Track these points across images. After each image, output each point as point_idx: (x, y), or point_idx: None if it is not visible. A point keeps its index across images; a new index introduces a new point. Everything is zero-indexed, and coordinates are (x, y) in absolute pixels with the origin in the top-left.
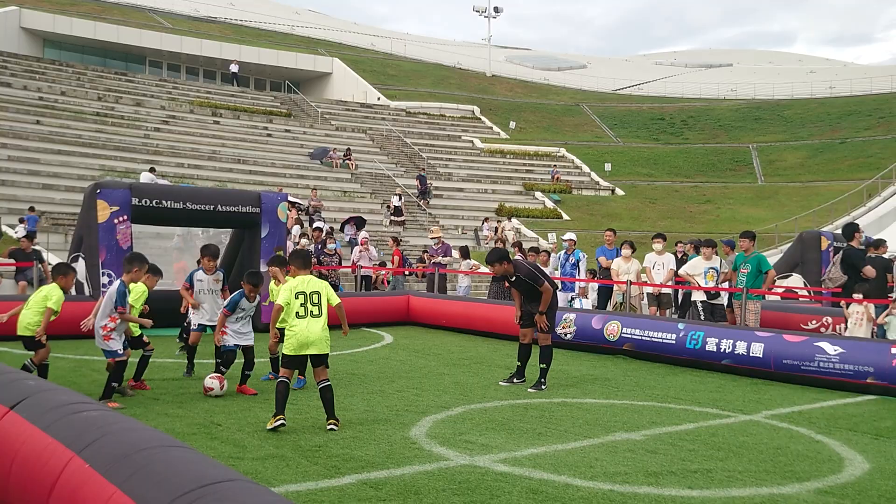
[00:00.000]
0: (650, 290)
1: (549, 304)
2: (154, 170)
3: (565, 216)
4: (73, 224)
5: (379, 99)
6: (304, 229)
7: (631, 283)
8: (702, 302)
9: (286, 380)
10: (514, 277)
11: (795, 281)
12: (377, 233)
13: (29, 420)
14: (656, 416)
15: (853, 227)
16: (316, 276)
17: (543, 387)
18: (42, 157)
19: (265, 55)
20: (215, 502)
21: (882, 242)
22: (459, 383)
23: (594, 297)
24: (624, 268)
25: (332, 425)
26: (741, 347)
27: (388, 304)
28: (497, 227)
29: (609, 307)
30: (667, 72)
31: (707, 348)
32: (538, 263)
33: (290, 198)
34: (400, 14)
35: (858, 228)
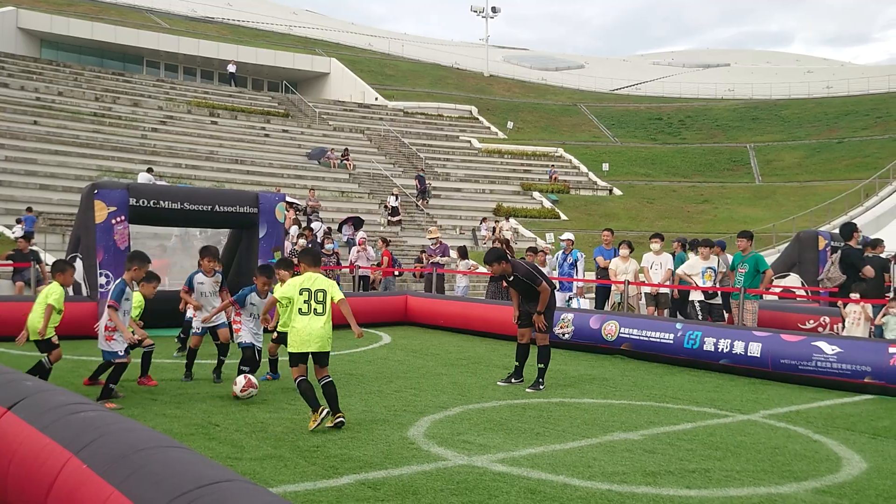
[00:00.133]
0: (648, 290)
1: (547, 304)
2: (152, 170)
3: (563, 216)
4: (71, 224)
5: (377, 99)
6: (303, 230)
7: (629, 282)
8: (699, 301)
9: (303, 377)
10: (512, 277)
11: (793, 281)
12: (375, 233)
13: (27, 420)
14: (654, 416)
15: (852, 227)
16: (324, 276)
17: (541, 387)
18: (39, 158)
19: (263, 55)
20: (213, 503)
21: (879, 242)
22: (457, 383)
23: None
24: (622, 268)
25: (339, 418)
26: (739, 347)
27: (386, 305)
28: (495, 228)
29: (607, 307)
30: (664, 72)
31: (705, 348)
32: (535, 263)
33: (288, 198)
34: (397, 14)
35: (857, 228)
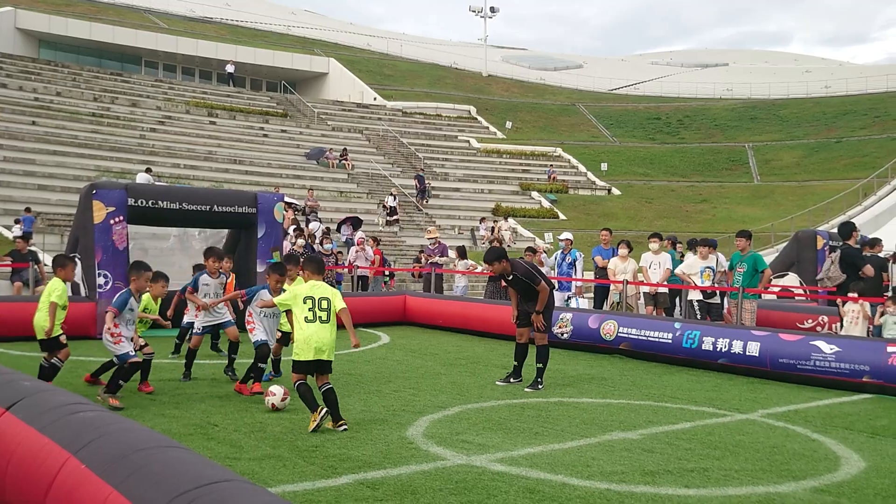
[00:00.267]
0: (647, 290)
1: (545, 304)
2: (150, 170)
3: (562, 216)
4: (69, 225)
5: (375, 99)
6: (305, 230)
7: (628, 282)
8: (698, 301)
9: (304, 381)
10: (512, 276)
11: (791, 280)
12: (373, 233)
13: (25, 421)
14: (653, 416)
15: (850, 227)
16: (326, 283)
17: (540, 386)
18: (38, 158)
19: (261, 55)
20: (212, 503)
21: (878, 241)
22: (456, 383)
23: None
24: (621, 267)
25: (342, 426)
26: (737, 346)
27: (384, 305)
28: (493, 227)
29: (606, 307)
30: (663, 71)
31: (703, 347)
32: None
33: (287, 198)
34: (396, 14)
35: (856, 227)
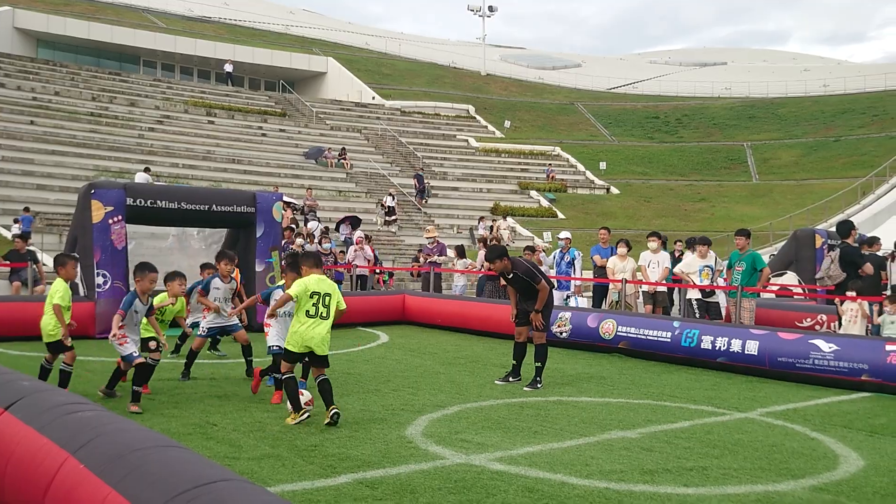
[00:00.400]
0: (645, 289)
1: (545, 303)
2: (149, 170)
3: (560, 215)
4: (68, 224)
5: (374, 98)
6: (300, 229)
7: (626, 281)
8: (696, 300)
9: (292, 375)
10: (512, 275)
11: (790, 279)
12: (371, 232)
13: (24, 421)
14: (652, 415)
15: (849, 225)
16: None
17: (539, 385)
18: (36, 158)
19: (260, 55)
20: (211, 502)
21: (876, 240)
22: (455, 382)
23: None
24: (620, 266)
25: (334, 410)
26: (736, 345)
27: (383, 304)
28: (492, 227)
29: (605, 306)
30: (661, 70)
31: (702, 346)
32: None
33: (286, 197)
34: (394, 13)
35: (854, 226)
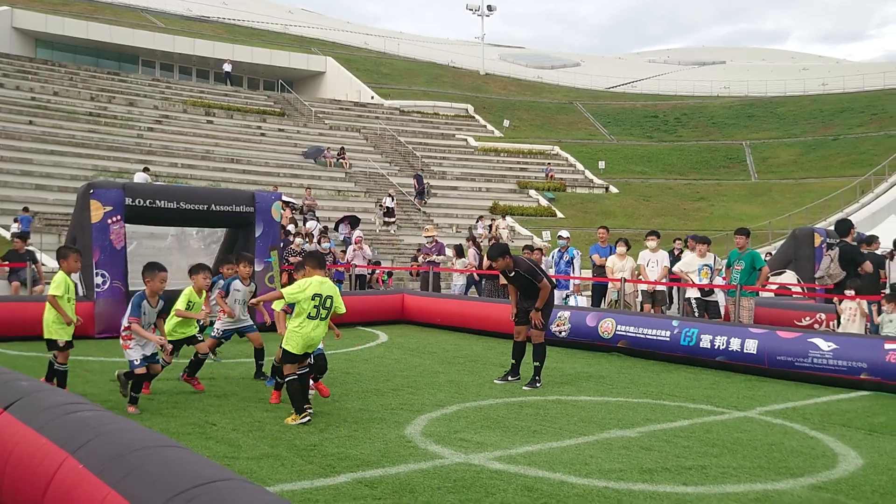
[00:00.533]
0: (644, 288)
1: (545, 301)
2: (148, 169)
3: (559, 214)
4: (67, 224)
5: (373, 98)
6: (298, 228)
7: (626, 280)
8: (696, 299)
9: (295, 378)
10: (514, 273)
11: (789, 277)
12: (370, 232)
13: (23, 421)
14: (651, 414)
15: (848, 224)
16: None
17: (538, 384)
18: (35, 158)
19: (258, 54)
20: (210, 502)
21: (875, 239)
22: (454, 381)
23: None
24: (619, 265)
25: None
26: (735, 344)
27: (382, 303)
28: (491, 226)
29: (604, 305)
30: (660, 69)
31: (701, 345)
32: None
33: (285, 197)
34: (393, 13)
35: (853, 225)
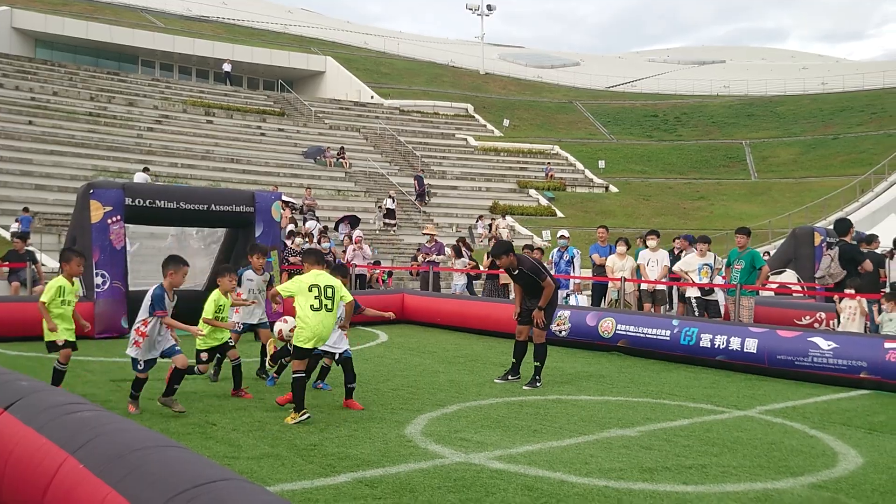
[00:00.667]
0: (645, 287)
1: (549, 301)
2: (148, 169)
3: (559, 213)
4: (67, 224)
5: (372, 97)
6: (298, 228)
7: (625, 279)
8: (696, 298)
9: (302, 375)
10: (518, 271)
11: (789, 277)
12: (370, 232)
13: (23, 421)
14: (651, 413)
15: (847, 223)
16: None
17: (538, 384)
18: (34, 158)
19: (258, 54)
20: (210, 502)
21: (874, 238)
22: (454, 381)
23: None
24: (619, 264)
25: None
26: (735, 343)
27: (382, 303)
28: (491, 225)
29: (604, 304)
30: (660, 69)
31: (701, 344)
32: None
33: (284, 197)
34: (393, 13)
35: (852, 224)
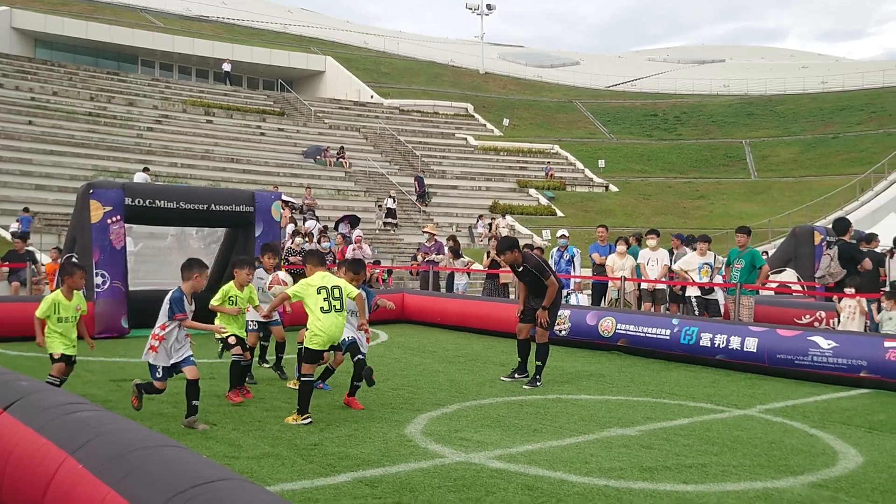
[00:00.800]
0: (645, 286)
1: (553, 300)
2: (147, 169)
3: (559, 213)
4: (67, 224)
5: (372, 97)
6: (298, 227)
7: (625, 279)
8: (696, 297)
9: (310, 379)
10: (522, 268)
11: (789, 276)
12: (371, 231)
13: (23, 421)
14: (651, 412)
15: (846, 223)
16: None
17: (538, 383)
18: (34, 158)
19: (258, 54)
20: (210, 502)
21: (874, 237)
22: (454, 381)
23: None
24: (619, 264)
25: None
26: (735, 342)
27: None
28: (491, 225)
29: (604, 303)
30: (660, 68)
31: (701, 344)
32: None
33: (284, 196)
34: (393, 12)
35: (850, 223)
